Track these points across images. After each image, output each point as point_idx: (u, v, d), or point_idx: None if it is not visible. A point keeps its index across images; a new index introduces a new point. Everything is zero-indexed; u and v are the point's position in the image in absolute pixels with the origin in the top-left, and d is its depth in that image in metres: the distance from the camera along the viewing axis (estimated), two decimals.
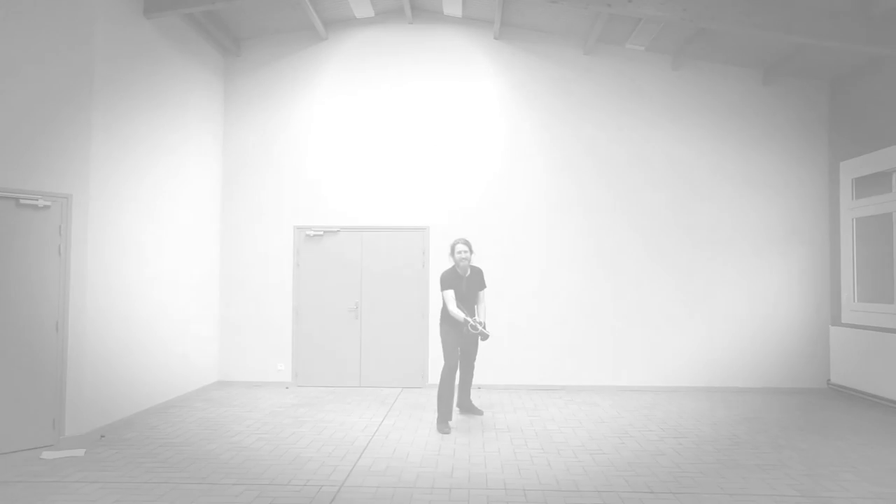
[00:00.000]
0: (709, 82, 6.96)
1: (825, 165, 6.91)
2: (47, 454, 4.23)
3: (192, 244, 6.35)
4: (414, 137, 7.00)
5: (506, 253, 6.89)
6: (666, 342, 6.80)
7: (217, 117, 6.94)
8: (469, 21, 7.09)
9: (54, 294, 4.51)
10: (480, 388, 6.68)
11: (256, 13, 6.58)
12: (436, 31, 7.09)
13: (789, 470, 4.02)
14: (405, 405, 5.93)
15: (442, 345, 5.14)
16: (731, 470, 4.01)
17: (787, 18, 5.31)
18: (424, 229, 6.96)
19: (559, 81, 7.00)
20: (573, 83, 7.00)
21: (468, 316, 4.92)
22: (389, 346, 6.89)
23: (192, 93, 6.35)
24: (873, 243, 6.25)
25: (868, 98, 6.33)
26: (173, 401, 5.95)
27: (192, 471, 3.95)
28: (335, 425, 5.13)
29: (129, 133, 5.24)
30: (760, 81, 6.94)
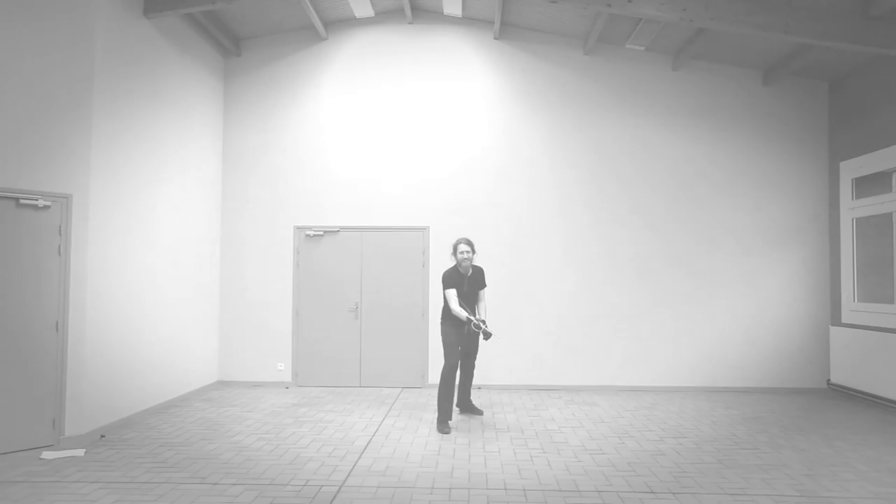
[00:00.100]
0: (709, 82, 6.96)
1: (825, 165, 6.91)
2: (47, 454, 4.23)
3: (193, 243, 6.35)
4: (414, 137, 7.01)
5: (506, 253, 6.89)
6: (666, 342, 6.80)
7: (217, 117, 6.94)
8: (469, 21, 7.09)
9: (54, 294, 4.51)
10: (480, 388, 6.69)
11: (256, 13, 6.58)
12: (436, 31, 7.09)
13: (789, 470, 4.02)
14: (405, 405, 5.94)
15: (443, 344, 5.15)
16: (731, 470, 4.01)
17: (787, 18, 5.32)
18: (424, 229, 6.96)
19: (559, 81, 7.00)
20: (573, 83, 7.00)
21: (470, 315, 4.94)
22: (389, 346, 6.89)
23: (192, 93, 6.35)
24: (873, 243, 6.26)
25: (868, 98, 6.33)
26: (173, 401, 5.96)
27: (192, 471, 3.95)
28: (335, 425, 5.14)
29: (129, 133, 5.25)
30: (760, 82, 6.94)
